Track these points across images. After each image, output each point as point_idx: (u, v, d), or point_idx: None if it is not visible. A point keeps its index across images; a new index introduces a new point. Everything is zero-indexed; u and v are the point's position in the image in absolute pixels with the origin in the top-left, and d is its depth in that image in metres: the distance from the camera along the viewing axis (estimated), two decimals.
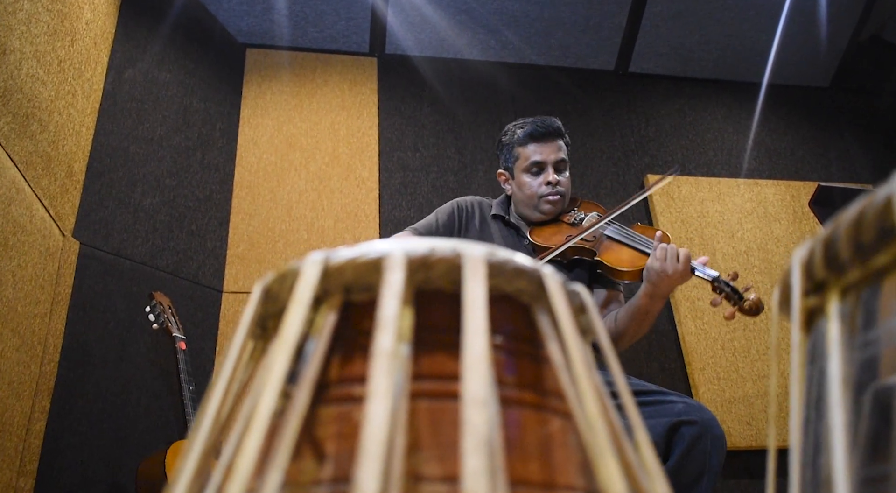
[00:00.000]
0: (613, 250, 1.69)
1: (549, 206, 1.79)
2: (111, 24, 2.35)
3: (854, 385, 0.36)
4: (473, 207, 1.90)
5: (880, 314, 0.35)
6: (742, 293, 1.46)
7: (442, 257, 0.38)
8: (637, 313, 1.59)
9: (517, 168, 1.83)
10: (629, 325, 1.62)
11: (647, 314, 1.59)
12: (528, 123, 1.83)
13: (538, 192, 1.79)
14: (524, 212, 1.85)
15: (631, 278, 1.65)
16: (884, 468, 0.33)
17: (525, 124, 1.83)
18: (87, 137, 2.13)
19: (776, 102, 3.20)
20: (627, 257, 1.66)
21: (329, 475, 0.34)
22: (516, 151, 1.83)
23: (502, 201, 1.92)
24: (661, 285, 1.52)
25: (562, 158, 1.81)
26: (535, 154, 1.80)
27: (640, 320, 1.59)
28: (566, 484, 0.36)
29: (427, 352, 0.37)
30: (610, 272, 1.68)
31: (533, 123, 1.82)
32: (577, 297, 0.43)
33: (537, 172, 1.80)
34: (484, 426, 0.31)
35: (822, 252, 0.36)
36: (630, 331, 1.62)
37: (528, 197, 1.81)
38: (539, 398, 0.38)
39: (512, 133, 1.85)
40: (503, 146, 1.88)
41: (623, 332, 1.64)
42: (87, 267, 2.02)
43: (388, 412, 0.31)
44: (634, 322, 1.60)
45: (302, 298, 0.37)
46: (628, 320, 1.62)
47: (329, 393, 0.37)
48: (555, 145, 1.81)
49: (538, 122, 1.82)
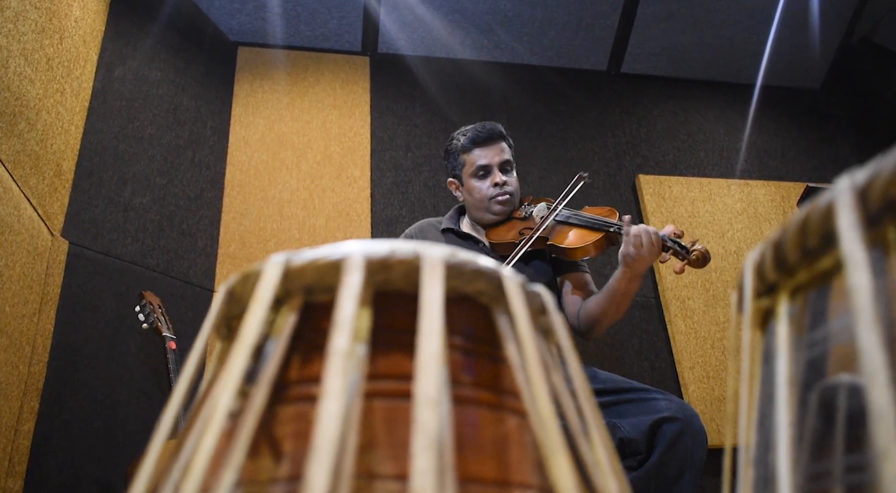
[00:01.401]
0: (563, 232, 1.76)
1: (499, 206, 1.84)
2: (100, 22, 2.35)
3: (801, 384, 0.37)
4: (420, 234, 1.93)
5: (828, 315, 0.36)
6: (688, 247, 1.52)
7: (401, 259, 0.39)
8: (615, 296, 1.65)
9: (465, 174, 1.88)
10: (608, 307, 1.67)
11: (625, 296, 1.65)
12: (471, 129, 1.90)
13: (487, 194, 1.84)
14: (477, 216, 1.90)
15: (584, 254, 1.70)
16: (827, 464, 0.34)
17: (468, 131, 1.90)
18: (76, 136, 2.13)
19: (767, 104, 3.22)
20: (577, 235, 1.72)
21: (285, 473, 0.34)
22: (462, 157, 1.88)
23: (452, 215, 1.96)
24: (637, 266, 1.58)
25: (506, 160, 1.87)
26: (481, 158, 1.85)
27: (619, 302, 1.65)
28: (521, 482, 0.37)
29: (385, 352, 0.38)
30: (563, 253, 1.74)
31: (475, 128, 1.89)
32: (537, 298, 0.43)
33: (484, 175, 1.85)
34: (434, 425, 0.31)
35: (771, 255, 0.37)
36: (609, 313, 1.68)
37: (478, 201, 1.86)
38: (496, 398, 0.39)
39: (456, 141, 1.91)
40: (449, 155, 1.93)
41: (603, 314, 1.69)
42: (77, 266, 2.02)
43: (339, 411, 0.32)
44: (613, 304, 1.66)
45: (262, 299, 0.37)
46: (607, 303, 1.67)
47: (288, 393, 0.37)
48: (498, 147, 1.86)
49: (479, 127, 1.88)
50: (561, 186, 2.84)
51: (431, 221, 1.99)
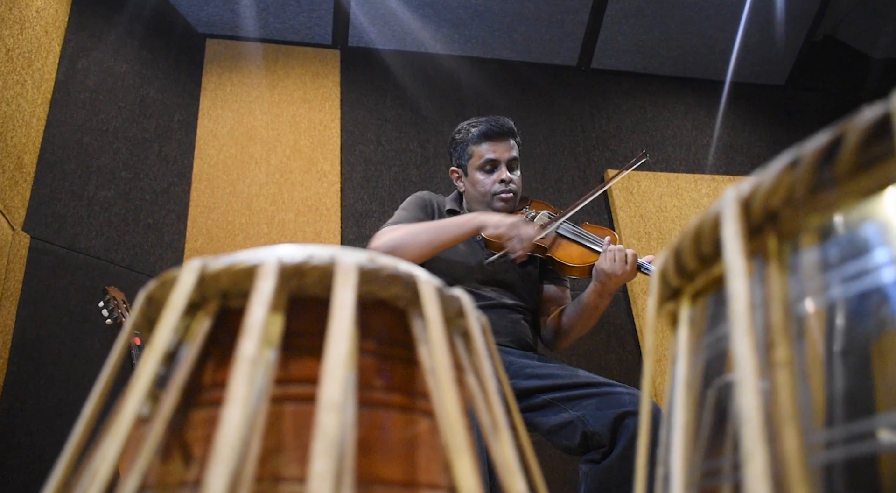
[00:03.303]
0: (564, 247, 1.75)
1: (501, 203, 1.82)
2: (63, 13, 2.31)
3: (701, 383, 0.38)
4: (435, 201, 1.92)
5: (725, 316, 0.38)
6: None
7: (316, 265, 0.39)
8: (585, 310, 1.67)
9: (471, 166, 1.86)
10: (577, 321, 1.70)
11: (595, 311, 1.67)
12: (482, 121, 1.87)
13: (491, 189, 1.82)
14: (477, 209, 1.88)
15: (579, 274, 1.71)
16: (720, 461, 0.35)
17: (479, 123, 1.87)
18: (37, 128, 2.09)
19: (735, 100, 3.27)
20: (577, 253, 1.71)
21: (193, 476, 0.35)
22: (470, 148, 1.86)
23: (455, 198, 1.95)
24: (610, 284, 1.60)
25: (514, 157, 1.86)
26: (489, 152, 1.83)
27: (588, 316, 1.68)
28: (429, 482, 0.38)
29: (297, 357, 0.38)
30: (560, 268, 1.74)
31: (487, 122, 1.86)
32: (455, 302, 0.44)
33: (490, 170, 1.83)
34: (335, 429, 0.32)
35: (673, 262, 0.39)
36: (578, 326, 1.71)
37: (481, 194, 1.84)
38: (409, 401, 0.40)
39: (466, 131, 1.88)
40: (457, 144, 1.91)
41: (572, 327, 1.72)
42: (38, 261, 1.99)
43: (241, 416, 0.32)
44: (582, 318, 1.69)
45: (175, 304, 0.38)
46: (577, 317, 1.70)
47: (201, 397, 0.38)
48: (508, 144, 1.85)
49: (492, 121, 1.86)
50: (530, 180, 2.87)
51: (437, 196, 1.96)
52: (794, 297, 0.31)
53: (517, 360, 1.62)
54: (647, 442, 0.39)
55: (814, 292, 0.31)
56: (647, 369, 0.42)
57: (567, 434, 1.49)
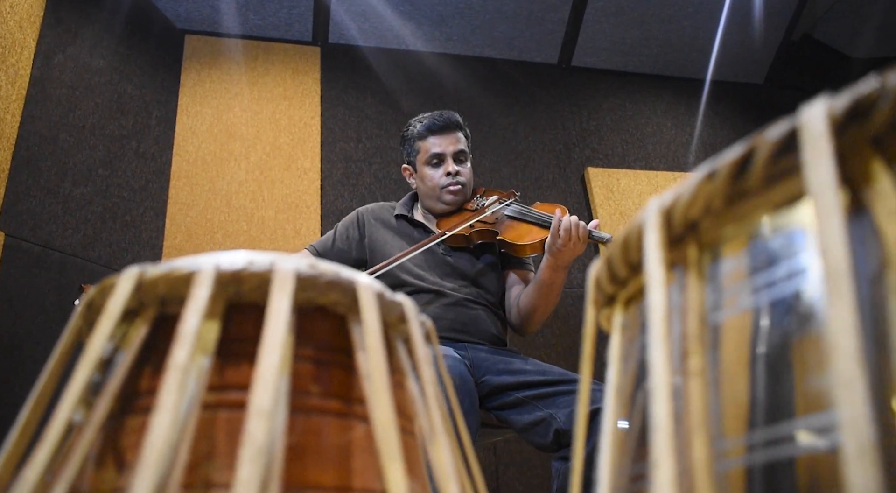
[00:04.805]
0: (513, 227, 1.78)
1: (450, 196, 1.84)
2: (39, 8, 2.28)
3: (631, 389, 0.39)
4: (374, 213, 1.93)
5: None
6: (611, 237, 1.58)
7: (254, 272, 0.40)
8: (542, 287, 1.68)
9: (419, 161, 1.88)
10: (537, 300, 1.70)
11: (552, 286, 1.67)
12: (427, 116, 1.89)
13: (440, 183, 1.84)
14: (429, 204, 1.90)
15: (533, 252, 1.73)
16: (645, 465, 0.36)
17: (424, 118, 1.89)
18: (12, 125, 2.07)
19: (714, 98, 3.29)
20: (526, 231, 1.74)
21: (125, 483, 0.35)
22: (417, 144, 1.88)
23: (406, 201, 1.96)
24: (561, 256, 1.61)
25: (461, 150, 1.87)
26: (435, 146, 1.85)
27: (546, 293, 1.68)
28: (364, 487, 0.38)
29: (233, 364, 0.39)
30: (512, 248, 1.76)
31: (431, 116, 1.88)
32: (397, 307, 0.45)
33: (437, 163, 1.85)
34: (263, 436, 0.33)
35: (605, 269, 0.39)
36: (539, 306, 1.71)
37: (430, 189, 1.86)
38: (345, 406, 0.40)
39: (412, 127, 1.91)
40: (405, 141, 1.93)
41: (534, 308, 1.72)
42: (13, 259, 1.97)
43: (170, 423, 0.33)
44: (541, 296, 1.69)
45: (111, 311, 0.38)
46: (535, 295, 1.70)
47: (137, 404, 0.38)
48: (453, 137, 1.86)
49: (436, 115, 1.88)
50: (511, 177, 2.89)
51: (385, 205, 1.98)
52: (710, 306, 0.32)
53: (490, 356, 1.63)
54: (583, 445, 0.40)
55: (730, 301, 0.32)
56: (585, 375, 0.43)
57: (540, 432, 1.50)
